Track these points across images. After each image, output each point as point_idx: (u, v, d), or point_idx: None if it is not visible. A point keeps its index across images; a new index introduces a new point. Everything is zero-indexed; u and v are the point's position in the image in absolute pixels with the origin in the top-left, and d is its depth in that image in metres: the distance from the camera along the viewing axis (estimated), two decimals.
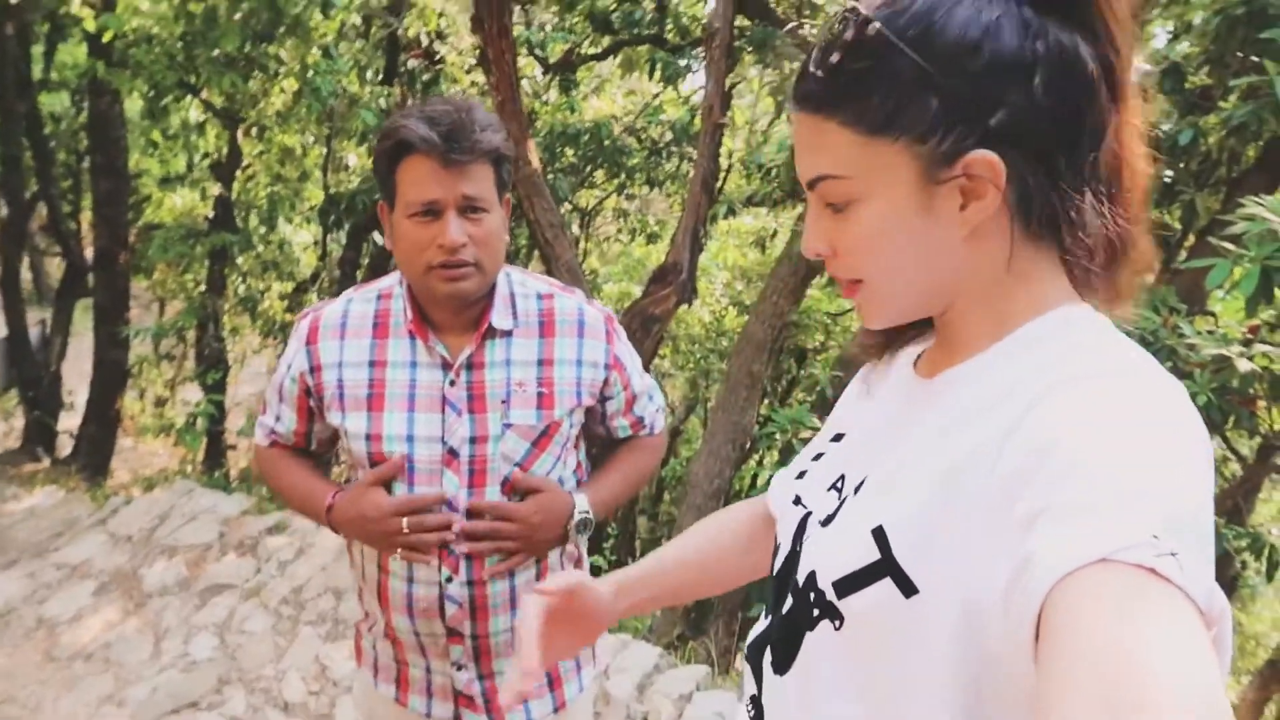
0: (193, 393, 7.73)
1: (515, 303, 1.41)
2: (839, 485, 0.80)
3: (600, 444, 1.60)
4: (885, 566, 0.67)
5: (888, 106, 0.67)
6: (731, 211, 7.32)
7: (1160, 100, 3.50)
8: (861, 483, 0.76)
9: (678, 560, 1.02)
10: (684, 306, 5.03)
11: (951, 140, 0.66)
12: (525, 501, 1.38)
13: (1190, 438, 0.59)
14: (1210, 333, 2.72)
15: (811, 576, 0.74)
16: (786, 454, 4.53)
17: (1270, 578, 3.48)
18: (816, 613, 0.73)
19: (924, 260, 0.71)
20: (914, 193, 0.68)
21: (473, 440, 1.35)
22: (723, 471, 4.94)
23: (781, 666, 0.78)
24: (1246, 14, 3.39)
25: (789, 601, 0.79)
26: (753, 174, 7.41)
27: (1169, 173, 3.61)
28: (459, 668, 1.44)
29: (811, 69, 0.70)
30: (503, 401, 1.36)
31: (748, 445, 5.37)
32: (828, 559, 0.73)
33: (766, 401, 6.72)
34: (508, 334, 1.39)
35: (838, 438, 0.88)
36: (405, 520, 1.34)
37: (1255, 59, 3.42)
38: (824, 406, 5.34)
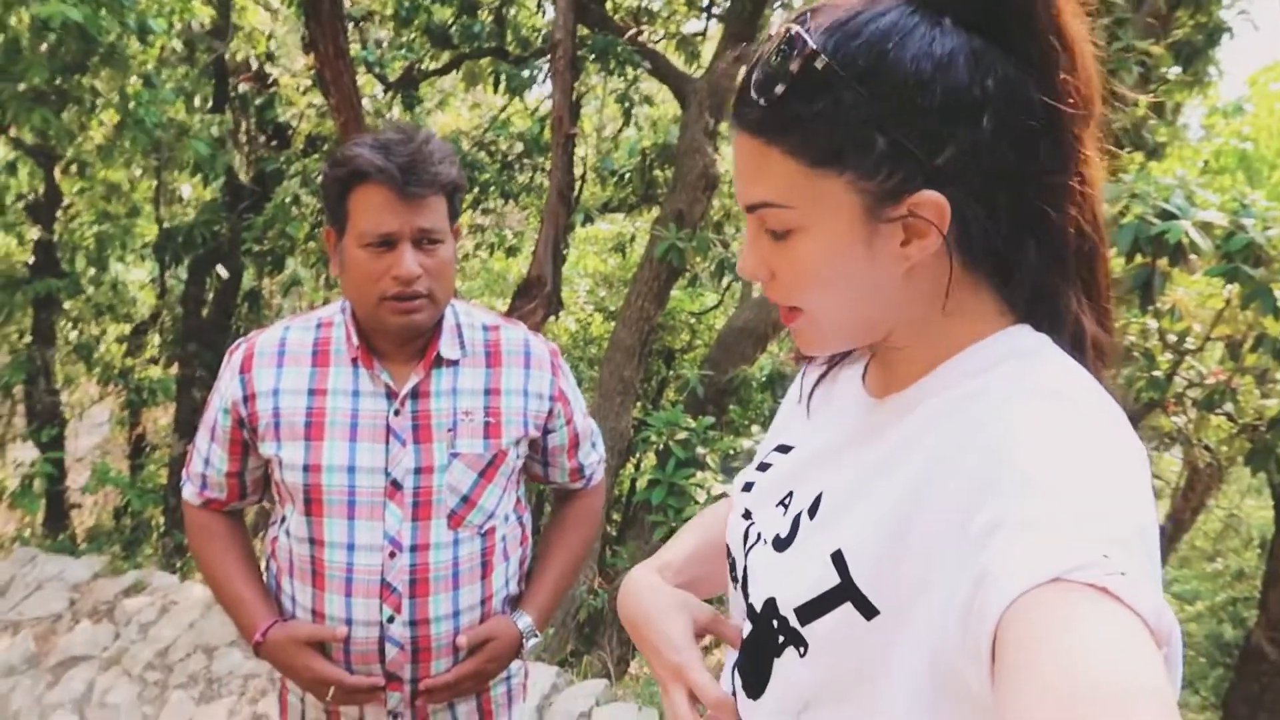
0: (25, 451, 7.15)
1: (462, 333, 1.40)
2: (786, 502, 0.79)
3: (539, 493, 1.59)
4: (845, 591, 0.67)
5: (833, 142, 0.64)
6: (588, 219, 7.35)
7: None
8: (815, 505, 0.75)
9: (703, 555, 0.96)
10: (551, 319, 5.01)
11: (898, 179, 0.64)
12: (477, 655, 1.38)
13: (1133, 459, 0.60)
14: None
15: (771, 603, 0.73)
16: (664, 456, 4.58)
17: None
18: (781, 639, 0.73)
19: (862, 294, 0.69)
20: (855, 228, 0.66)
21: (418, 471, 1.32)
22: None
23: (754, 691, 0.77)
24: None
25: (748, 626, 0.78)
26: (606, 180, 7.47)
27: None
28: (394, 716, 1.39)
29: (753, 94, 0.66)
30: (449, 430, 1.34)
31: (625, 450, 5.40)
32: (787, 586, 0.72)
33: (640, 405, 6.77)
34: (454, 363, 1.37)
35: (784, 449, 0.87)
36: (331, 690, 1.32)
37: None
38: (695, 405, 5.44)
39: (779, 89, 0.64)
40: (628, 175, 7.17)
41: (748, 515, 0.84)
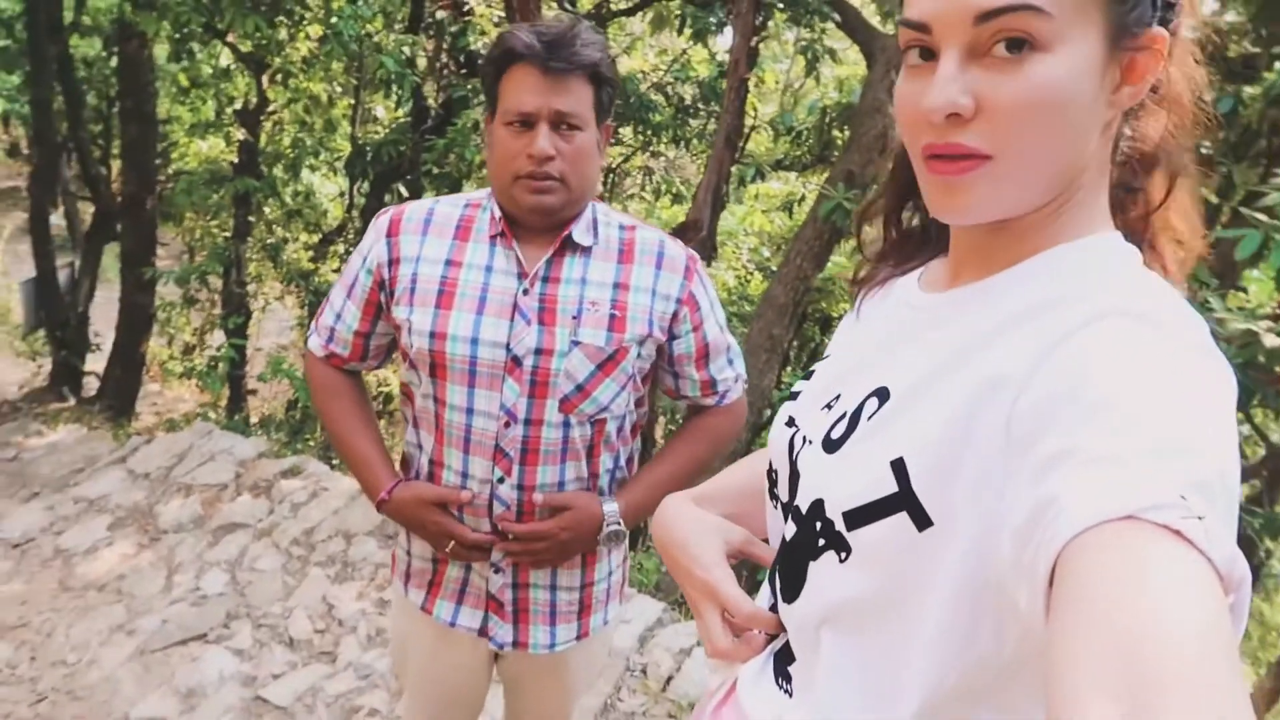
0: (220, 340, 7.80)
1: (597, 226, 1.42)
2: (832, 404, 0.77)
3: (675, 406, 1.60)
4: (902, 500, 0.65)
5: None
6: (759, 175, 7.23)
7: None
8: (871, 405, 0.71)
9: (746, 489, 0.95)
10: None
11: (1143, 8, 0.61)
12: (554, 519, 1.40)
13: (1222, 396, 0.57)
14: (1240, 308, 2.66)
15: (818, 505, 0.71)
16: None
17: None
18: (822, 543, 0.70)
19: (1074, 138, 0.63)
20: (1098, 54, 0.61)
21: (538, 352, 1.36)
22: (740, 434, 4.92)
23: (789, 594, 0.76)
24: None
25: (792, 529, 0.76)
26: (782, 137, 7.32)
27: (1207, 143, 3.52)
28: (496, 570, 1.45)
29: None
30: (574, 318, 1.37)
31: (766, 410, 5.34)
32: (838, 488, 0.70)
33: (789, 369, 6.67)
34: (587, 251, 1.40)
35: (827, 358, 0.86)
36: (451, 544, 1.40)
37: None
38: None
39: None
40: (805, 133, 6.99)
41: (791, 423, 0.82)
